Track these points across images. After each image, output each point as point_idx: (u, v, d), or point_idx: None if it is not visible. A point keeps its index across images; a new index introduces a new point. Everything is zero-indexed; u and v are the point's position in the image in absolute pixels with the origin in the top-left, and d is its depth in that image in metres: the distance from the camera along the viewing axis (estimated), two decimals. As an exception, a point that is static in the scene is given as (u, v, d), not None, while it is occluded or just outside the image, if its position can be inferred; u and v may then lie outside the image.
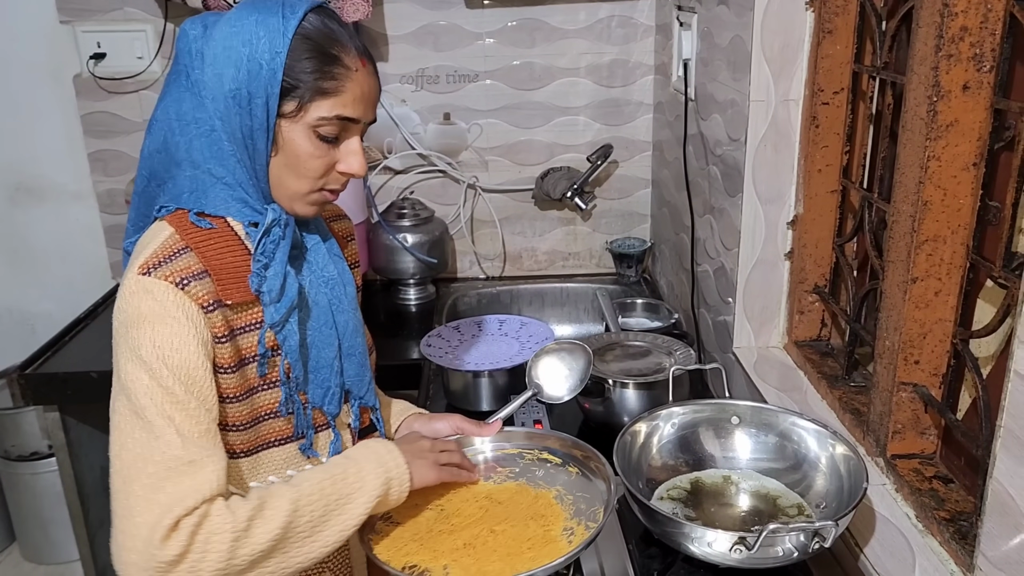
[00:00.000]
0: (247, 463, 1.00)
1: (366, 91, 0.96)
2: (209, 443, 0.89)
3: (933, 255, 1.07)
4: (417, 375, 1.78)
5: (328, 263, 1.05)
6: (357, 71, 0.94)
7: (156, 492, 0.84)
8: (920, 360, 1.12)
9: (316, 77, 0.92)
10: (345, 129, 0.96)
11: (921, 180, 1.04)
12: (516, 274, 2.37)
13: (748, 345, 1.56)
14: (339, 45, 0.93)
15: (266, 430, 1.01)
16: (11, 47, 2.18)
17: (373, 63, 0.98)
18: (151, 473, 0.85)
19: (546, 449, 1.16)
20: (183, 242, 0.93)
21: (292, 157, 0.95)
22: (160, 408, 0.87)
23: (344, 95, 0.93)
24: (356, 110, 0.95)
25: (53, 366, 1.91)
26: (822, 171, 1.41)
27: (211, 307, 0.92)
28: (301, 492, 0.92)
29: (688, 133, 1.80)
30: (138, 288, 0.90)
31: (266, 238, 0.96)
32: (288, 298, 0.97)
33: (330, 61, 0.92)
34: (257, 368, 0.98)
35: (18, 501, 2.48)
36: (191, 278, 0.91)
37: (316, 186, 0.97)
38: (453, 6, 2.12)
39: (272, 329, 0.98)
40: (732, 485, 1.17)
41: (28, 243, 2.36)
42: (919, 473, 1.13)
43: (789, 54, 1.38)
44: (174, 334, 0.89)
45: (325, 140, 0.95)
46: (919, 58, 1.04)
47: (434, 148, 2.24)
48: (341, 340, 1.05)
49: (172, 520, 0.82)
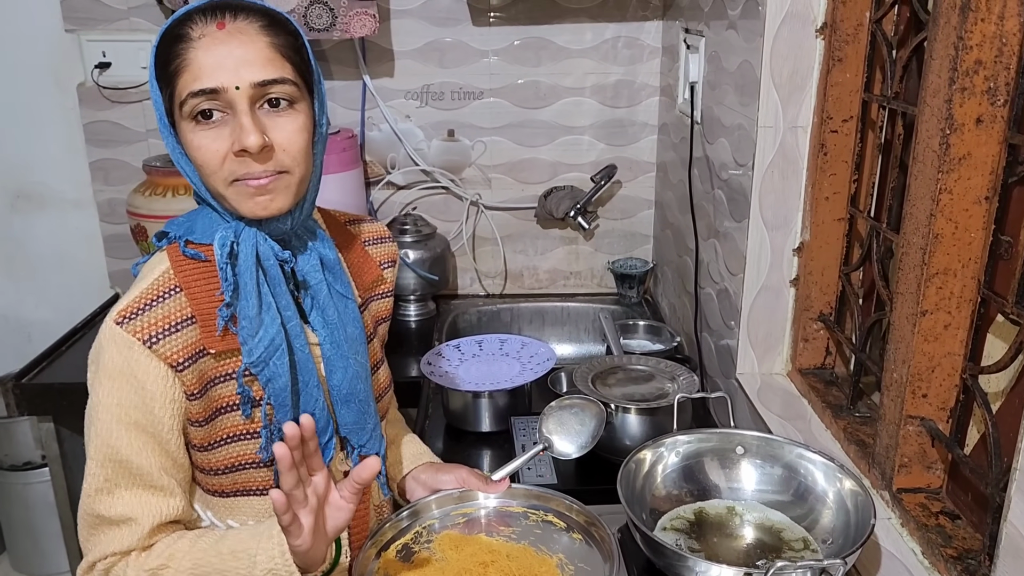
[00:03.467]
0: (224, 503, 0.98)
1: (222, 54, 0.83)
2: (148, 499, 0.90)
3: (943, 288, 1.06)
4: (417, 393, 1.76)
5: (328, 305, 0.97)
6: (202, 37, 0.84)
7: (86, 532, 0.92)
8: (928, 394, 1.11)
9: (169, 65, 0.84)
10: (227, 105, 0.84)
11: (932, 213, 1.04)
12: (517, 292, 2.36)
13: (751, 371, 1.55)
14: (187, 21, 0.85)
15: (244, 479, 0.97)
16: (17, 54, 2.17)
17: (256, 18, 0.86)
18: (82, 519, 0.92)
19: (550, 511, 1.13)
20: (174, 281, 0.90)
21: (192, 157, 0.87)
22: (100, 464, 0.89)
23: (190, 68, 0.84)
24: (212, 78, 0.83)
25: (48, 376, 1.89)
26: (829, 199, 1.40)
27: (183, 365, 0.88)
28: (200, 560, 0.90)
29: (693, 156, 1.79)
30: (110, 337, 0.88)
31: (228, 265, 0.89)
32: (268, 334, 0.90)
33: (174, 42, 0.85)
34: (241, 413, 0.94)
35: (9, 511, 2.45)
36: (163, 333, 0.88)
37: (226, 179, 0.87)
38: (459, 23, 2.12)
39: (252, 368, 0.91)
40: (736, 516, 1.16)
41: (27, 250, 2.35)
42: (925, 508, 1.12)
43: (798, 81, 1.38)
44: (135, 392, 0.88)
45: (204, 124, 0.85)
46: (932, 90, 1.03)
47: (437, 164, 2.23)
48: (336, 388, 0.99)
49: (90, 563, 0.92)
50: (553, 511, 1.13)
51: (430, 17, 2.12)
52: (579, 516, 1.11)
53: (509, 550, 1.06)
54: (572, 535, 1.09)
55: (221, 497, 0.98)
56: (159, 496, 0.90)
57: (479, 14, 2.11)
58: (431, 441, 1.59)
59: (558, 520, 1.11)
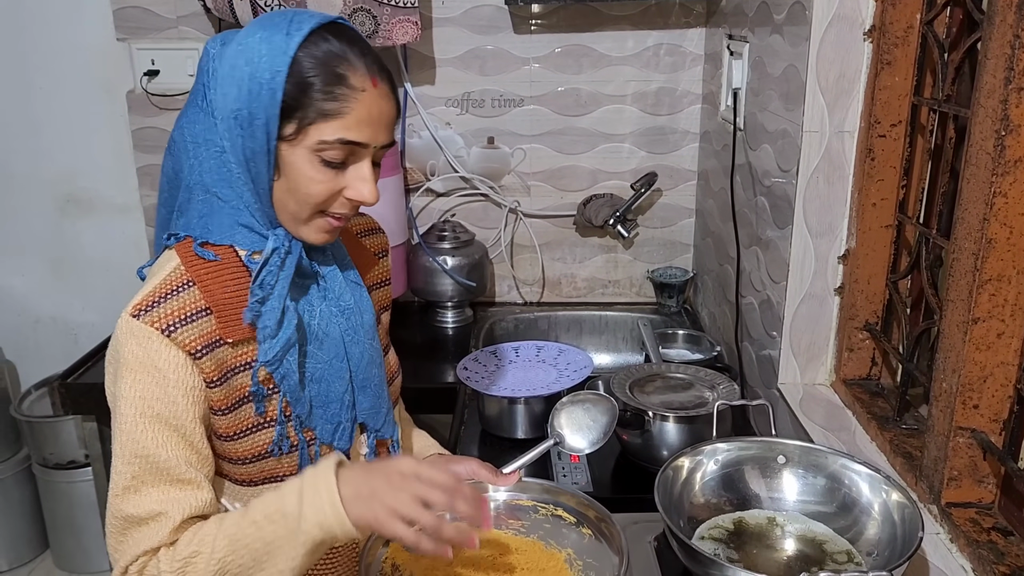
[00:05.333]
0: (252, 491, 0.98)
1: (375, 113, 0.89)
2: (176, 493, 0.89)
3: (996, 295, 1.03)
4: (452, 399, 1.76)
5: (344, 291, 1.00)
6: (364, 91, 0.88)
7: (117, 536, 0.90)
8: (979, 404, 1.07)
9: (318, 99, 0.86)
10: (352, 153, 0.90)
11: (986, 217, 1.00)
12: (555, 300, 2.34)
13: (794, 381, 1.52)
14: (346, 63, 0.87)
15: (270, 466, 0.98)
16: (70, 63, 2.23)
17: (390, 82, 0.92)
18: (111, 523, 0.90)
19: (560, 505, 1.12)
20: (187, 275, 0.91)
21: (293, 181, 0.89)
22: (126, 462, 0.88)
23: (348, 117, 0.87)
24: (362, 133, 0.88)
25: (93, 376, 1.93)
26: (877, 205, 1.37)
27: (201, 352, 0.89)
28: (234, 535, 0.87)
29: (736, 163, 1.77)
30: (126, 330, 0.88)
31: (265, 269, 0.91)
32: (285, 335, 0.92)
33: (334, 81, 0.86)
34: (254, 407, 0.95)
35: (53, 509, 2.50)
36: (180, 322, 0.88)
37: (318, 210, 0.92)
38: (501, 31, 2.13)
39: (267, 366, 0.93)
40: (777, 527, 1.13)
41: (74, 254, 2.40)
42: (976, 523, 1.08)
43: (845, 85, 1.35)
44: (156, 384, 0.88)
45: (330, 165, 0.89)
46: (986, 91, 1.00)
47: (477, 172, 2.23)
48: (354, 373, 1.01)
49: (122, 568, 0.89)
50: (563, 506, 1.11)
51: (472, 25, 2.12)
52: (589, 511, 1.09)
53: (518, 544, 1.05)
54: (582, 530, 1.08)
55: (250, 486, 0.98)
56: (187, 490, 0.90)
57: (520, 22, 2.12)
58: (466, 447, 1.58)
59: (568, 515, 1.10)
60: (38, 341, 2.49)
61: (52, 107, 2.27)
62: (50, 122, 2.28)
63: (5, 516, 2.51)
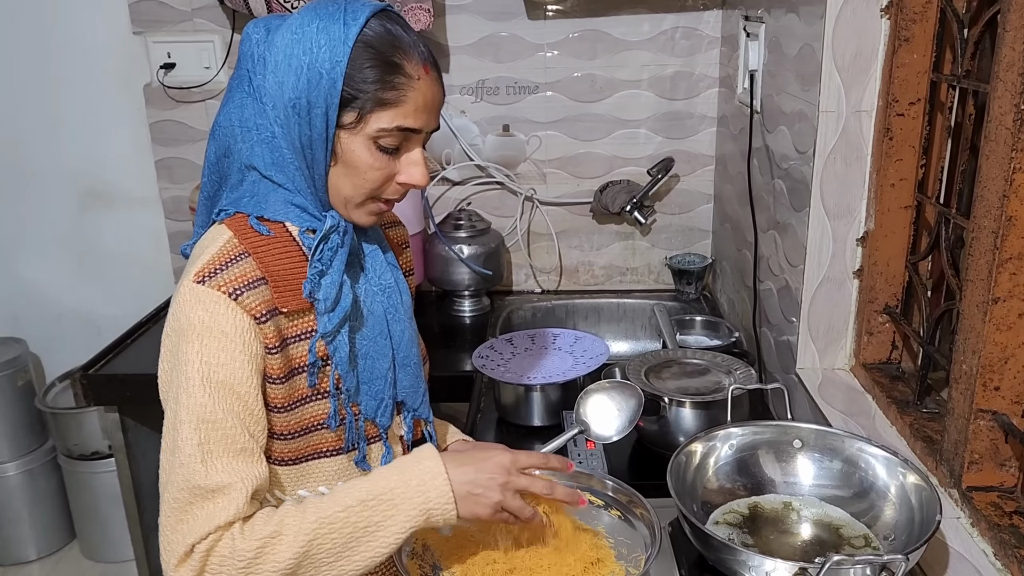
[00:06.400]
0: (294, 471, 0.98)
1: (429, 99, 0.92)
2: (240, 465, 0.88)
3: (1017, 274, 1.00)
4: (469, 387, 1.75)
5: (385, 271, 1.03)
6: (419, 79, 0.91)
7: (178, 515, 0.86)
8: (1000, 386, 1.05)
9: (377, 87, 0.89)
10: (406, 139, 0.93)
11: (1005, 194, 0.98)
12: (572, 288, 2.33)
13: (812, 366, 1.49)
14: (401, 52, 0.90)
15: (316, 440, 0.99)
16: (86, 57, 2.25)
17: (437, 69, 0.95)
18: (175, 497, 0.87)
19: (588, 490, 1.10)
20: (241, 247, 0.92)
21: (351, 167, 0.92)
22: (194, 428, 0.87)
23: (405, 105, 0.90)
24: (418, 120, 0.92)
25: (114, 367, 1.94)
26: (895, 185, 1.34)
27: (264, 318, 0.91)
28: (325, 517, 0.87)
29: (753, 146, 1.74)
30: (191, 297, 0.89)
31: (324, 244, 0.94)
32: (342, 307, 0.95)
33: (391, 70, 0.89)
34: (307, 378, 0.96)
35: (79, 499, 2.53)
36: (245, 288, 0.90)
37: (371, 194, 0.95)
38: (515, 17, 2.11)
39: (324, 339, 0.95)
40: (793, 512, 1.11)
41: (96, 247, 2.43)
42: (998, 507, 1.06)
43: (862, 63, 1.32)
44: (222, 348, 0.88)
45: (385, 151, 0.92)
46: (1006, 64, 0.98)
47: (492, 160, 2.23)
48: (396, 350, 1.03)
49: (186, 547, 0.85)
50: (591, 490, 1.11)
51: (485, 12, 2.11)
52: (617, 494, 1.09)
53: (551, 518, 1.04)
54: (611, 512, 1.08)
55: (292, 465, 0.98)
56: (249, 461, 0.89)
57: (535, 8, 2.10)
58: (482, 435, 1.58)
59: (595, 499, 1.10)
60: (62, 334, 2.53)
61: (71, 103, 2.29)
62: (69, 118, 2.31)
63: (33, 506, 2.55)
